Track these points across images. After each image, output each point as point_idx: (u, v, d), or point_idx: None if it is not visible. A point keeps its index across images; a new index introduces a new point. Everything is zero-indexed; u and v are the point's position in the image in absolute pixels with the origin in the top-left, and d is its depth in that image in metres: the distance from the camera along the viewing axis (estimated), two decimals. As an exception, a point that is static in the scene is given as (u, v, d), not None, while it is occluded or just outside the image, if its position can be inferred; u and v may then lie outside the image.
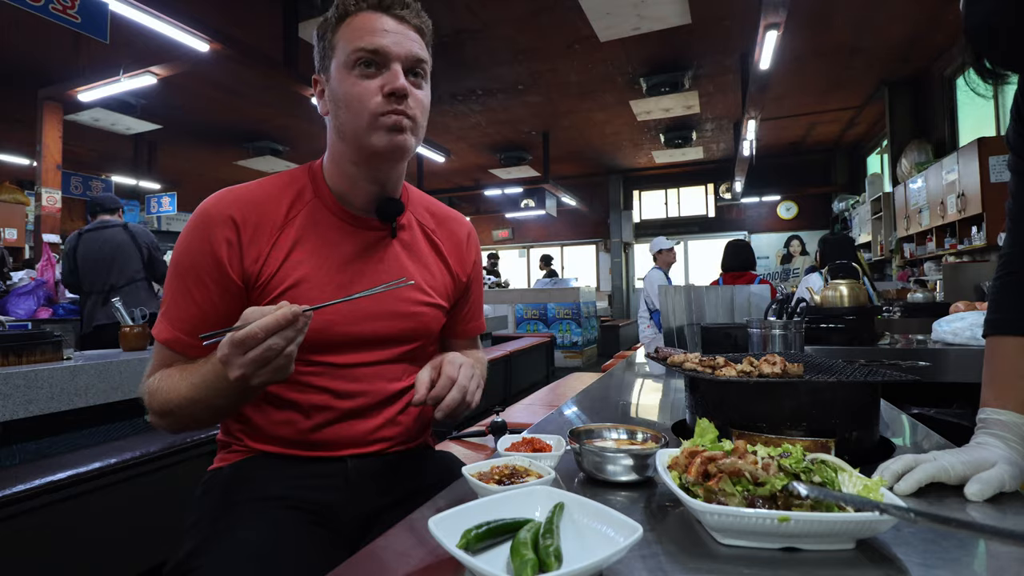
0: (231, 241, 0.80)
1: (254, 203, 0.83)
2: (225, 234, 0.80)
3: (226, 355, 0.64)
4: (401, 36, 0.80)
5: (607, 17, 4.73)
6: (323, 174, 0.89)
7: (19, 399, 1.57)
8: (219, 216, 0.80)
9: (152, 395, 0.77)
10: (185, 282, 0.80)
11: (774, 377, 0.75)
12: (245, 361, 0.63)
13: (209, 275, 0.80)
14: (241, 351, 0.63)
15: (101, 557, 1.50)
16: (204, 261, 0.80)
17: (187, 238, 0.81)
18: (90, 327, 3.52)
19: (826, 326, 1.99)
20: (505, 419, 1.65)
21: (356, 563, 0.54)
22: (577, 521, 0.50)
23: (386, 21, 0.80)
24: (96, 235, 3.55)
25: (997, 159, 4.20)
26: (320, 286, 0.83)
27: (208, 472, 0.90)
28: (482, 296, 1.09)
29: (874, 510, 0.46)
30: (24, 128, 6.08)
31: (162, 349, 0.81)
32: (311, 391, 0.84)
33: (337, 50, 0.81)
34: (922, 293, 4.05)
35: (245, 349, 0.62)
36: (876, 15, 4.93)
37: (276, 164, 8.90)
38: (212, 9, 4.41)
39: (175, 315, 0.80)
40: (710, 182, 10.81)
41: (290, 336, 0.64)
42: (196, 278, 0.80)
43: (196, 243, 0.80)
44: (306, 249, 0.84)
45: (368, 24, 0.79)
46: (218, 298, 0.80)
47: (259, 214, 0.82)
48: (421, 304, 0.91)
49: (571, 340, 7.62)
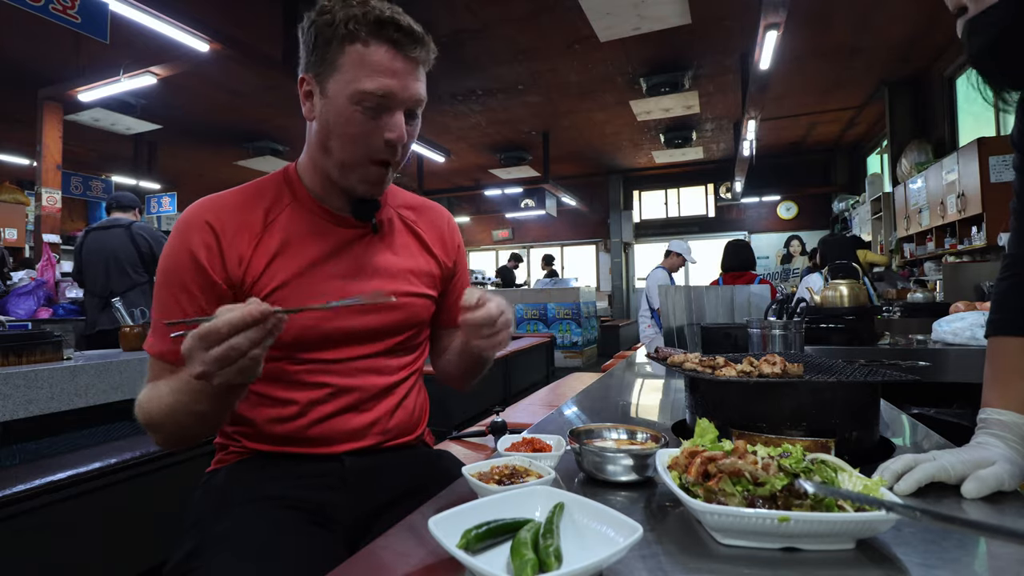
0: (210, 245, 0.80)
1: (230, 207, 0.84)
2: (203, 238, 0.80)
3: (189, 348, 0.61)
4: (410, 78, 0.79)
5: (607, 17, 4.73)
6: (299, 176, 0.89)
7: (19, 399, 1.57)
8: (196, 222, 0.81)
9: (141, 409, 0.76)
10: (171, 291, 0.80)
11: (774, 377, 0.75)
12: (207, 358, 0.59)
13: (193, 281, 0.80)
14: (204, 346, 0.60)
15: (101, 557, 1.50)
16: (186, 267, 0.80)
17: (168, 248, 0.82)
18: (92, 329, 3.52)
19: (826, 326, 1.99)
20: (505, 419, 1.64)
21: (356, 563, 0.54)
22: (577, 521, 0.50)
23: (398, 60, 0.77)
24: (100, 234, 3.56)
25: (997, 159, 4.20)
26: (307, 285, 0.83)
27: (206, 473, 0.90)
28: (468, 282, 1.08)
29: (880, 508, 0.46)
30: (24, 128, 6.08)
31: (156, 363, 0.81)
32: (305, 388, 0.84)
33: (340, 73, 0.78)
34: (922, 293, 4.04)
35: (208, 344, 0.59)
36: (876, 15, 4.93)
37: (276, 164, 8.89)
38: (212, 9, 4.41)
39: (160, 326, 0.80)
40: (710, 182, 10.81)
41: (255, 337, 0.60)
42: (181, 286, 0.80)
43: (176, 250, 0.80)
44: (290, 251, 0.84)
45: (379, 61, 0.76)
46: (206, 304, 0.80)
47: (237, 218, 0.83)
48: (409, 295, 0.92)
49: (571, 340, 7.62)
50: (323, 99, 0.80)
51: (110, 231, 3.55)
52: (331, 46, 0.78)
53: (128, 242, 3.53)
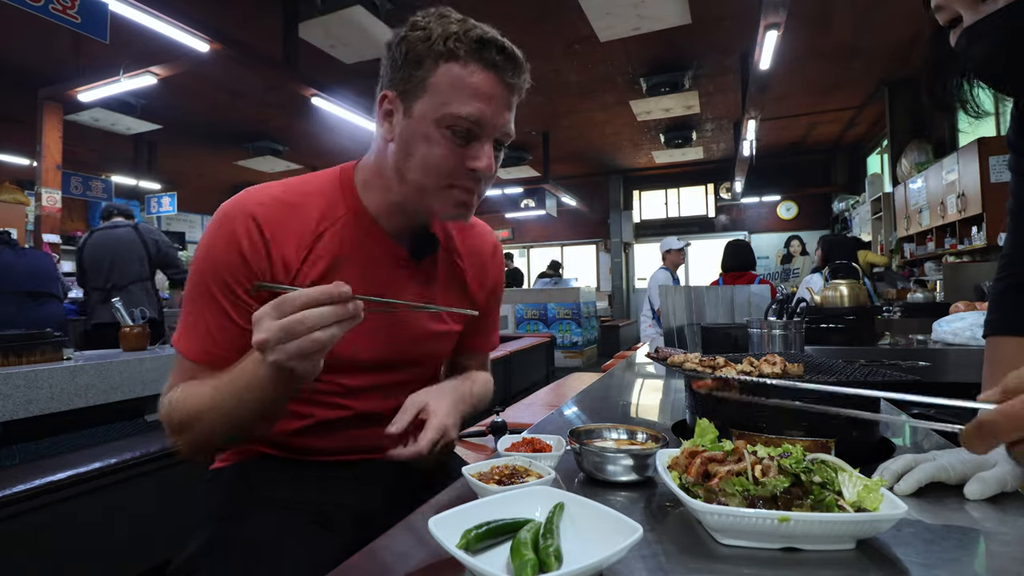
0: (253, 237, 0.74)
1: (278, 204, 0.77)
2: (247, 229, 0.74)
3: (260, 314, 0.58)
4: (503, 106, 0.73)
5: (607, 17, 4.73)
6: (357, 188, 0.82)
7: (19, 399, 1.57)
8: (239, 213, 0.75)
9: (172, 409, 0.71)
10: (210, 288, 0.74)
11: (774, 377, 0.75)
12: (273, 326, 0.56)
13: (232, 276, 0.74)
14: (275, 314, 0.57)
15: (101, 557, 1.50)
16: (228, 260, 0.74)
17: (207, 241, 0.76)
18: (90, 324, 3.57)
19: (826, 326, 1.99)
20: (505, 419, 1.64)
21: (356, 563, 0.54)
22: (577, 521, 0.50)
23: (495, 84, 0.71)
24: (105, 234, 3.66)
25: (997, 159, 4.20)
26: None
27: (210, 471, 0.90)
28: (498, 314, 1.04)
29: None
30: (24, 128, 6.07)
31: (188, 366, 0.76)
32: (321, 407, 0.84)
33: (429, 94, 0.71)
34: (922, 293, 4.05)
35: (279, 313, 0.56)
36: (876, 15, 4.93)
37: (276, 164, 8.89)
38: (212, 9, 4.40)
39: (202, 328, 0.75)
40: (710, 182, 10.81)
41: (327, 314, 0.57)
42: (221, 282, 0.74)
43: (217, 242, 0.75)
44: (344, 271, 0.79)
45: (476, 84, 0.70)
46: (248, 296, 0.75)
47: (285, 218, 0.77)
48: (439, 334, 0.91)
49: (571, 340, 7.62)
50: (406, 119, 0.74)
51: (117, 230, 3.67)
52: (423, 64, 0.71)
53: (136, 239, 3.65)
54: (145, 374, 2.00)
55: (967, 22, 0.58)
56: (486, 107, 0.71)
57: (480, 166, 0.73)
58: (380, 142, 0.79)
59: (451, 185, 0.75)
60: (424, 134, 0.72)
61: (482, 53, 0.70)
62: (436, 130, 0.72)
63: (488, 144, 0.74)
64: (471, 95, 0.70)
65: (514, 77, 0.73)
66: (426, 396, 0.77)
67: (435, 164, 0.73)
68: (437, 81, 0.71)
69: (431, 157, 0.73)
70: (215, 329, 0.74)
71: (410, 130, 0.73)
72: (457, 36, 0.70)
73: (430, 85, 0.71)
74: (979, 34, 0.57)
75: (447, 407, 0.77)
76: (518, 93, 0.76)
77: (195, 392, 0.71)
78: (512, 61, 0.72)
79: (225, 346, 0.74)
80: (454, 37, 0.70)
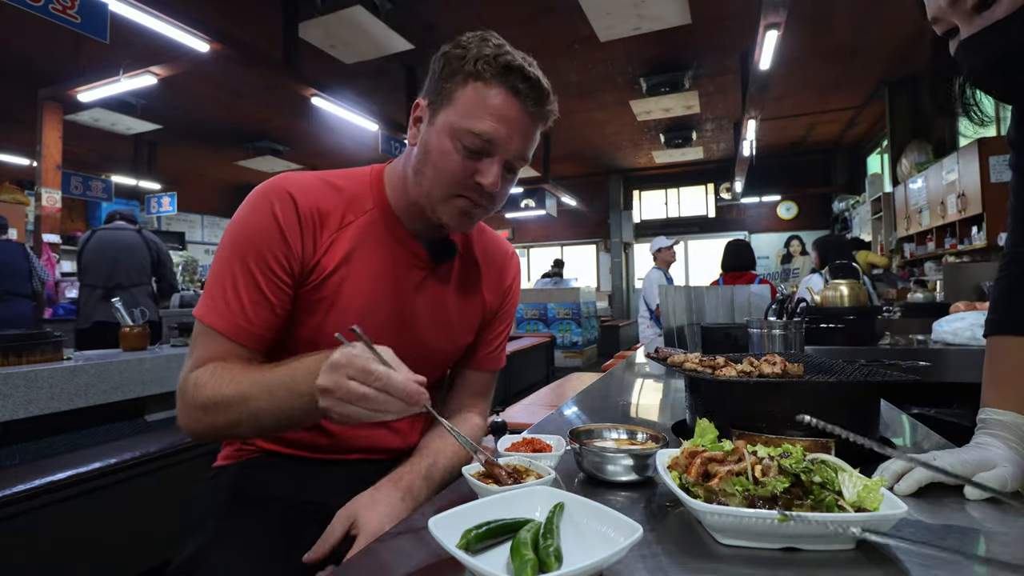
0: (290, 216, 0.76)
1: (313, 188, 0.80)
2: (285, 207, 0.76)
3: (334, 363, 0.60)
4: (518, 131, 0.76)
5: (607, 17, 4.73)
6: (385, 187, 0.86)
7: (19, 399, 1.57)
8: (277, 191, 0.77)
9: (199, 388, 0.71)
10: (246, 261, 0.75)
11: (774, 377, 0.75)
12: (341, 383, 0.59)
13: (271, 251, 0.75)
14: (348, 374, 0.59)
15: (101, 557, 1.50)
16: (268, 235, 0.75)
17: (244, 216, 0.77)
18: (88, 323, 3.56)
19: (826, 326, 1.99)
20: (505, 419, 1.64)
21: (356, 563, 0.54)
22: (577, 521, 0.50)
23: (514, 107, 0.74)
24: (108, 233, 3.67)
25: (997, 159, 4.20)
26: (367, 303, 0.81)
27: (213, 469, 0.91)
28: (509, 330, 1.04)
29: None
30: (24, 128, 6.07)
31: (213, 336, 0.75)
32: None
33: (452, 106, 0.75)
34: (922, 293, 4.04)
35: (353, 375, 0.59)
36: (876, 15, 4.93)
37: (276, 164, 8.90)
38: (212, 9, 4.40)
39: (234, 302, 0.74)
40: (710, 182, 10.81)
41: (388, 404, 0.59)
42: (258, 257, 0.75)
43: (257, 217, 0.76)
44: (361, 261, 0.81)
45: (495, 105, 0.74)
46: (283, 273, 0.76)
47: (317, 200, 0.79)
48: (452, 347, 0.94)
49: (571, 340, 7.61)
50: (429, 127, 0.78)
51: (120, 232, 3.69)
52: (454, 79, 0.75)
53: (140, 243, 3.68)
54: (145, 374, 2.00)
55: (963, 35, 0.58)
56: (501, 128, 0.74)
57: (485, 182, 0.76)
58: (407, 146, 0.83)
59: (457, 195, 0.78)
60: (438, 141, 0.76)
61: (507, 77, 0.74)
62: (451, 141, 0.75)
63: (497, 163, 0.76)
64: (488, 114, 0.74)
65: (536, 106, 0.76)
66: (356, 508, 0.73)
67: (445, 172, 0.76)
68: (462, 96, 0.75)
69: (442, 165, 0.76)
70: (248, 304, 0.75)
71: (429, 137, 0.77)
72: (488, 59, 0.73)
73: (455, 99, 0.75)
74: (974, 48, 0.57)
75: (380, 518, 0.71)
76: (540, 122, 0.79)
77: (230, 379, 0.70)
78: (536, 90, 0.75)
79: (256, 322, 0.76)
80: (485, 59, 0.73)
